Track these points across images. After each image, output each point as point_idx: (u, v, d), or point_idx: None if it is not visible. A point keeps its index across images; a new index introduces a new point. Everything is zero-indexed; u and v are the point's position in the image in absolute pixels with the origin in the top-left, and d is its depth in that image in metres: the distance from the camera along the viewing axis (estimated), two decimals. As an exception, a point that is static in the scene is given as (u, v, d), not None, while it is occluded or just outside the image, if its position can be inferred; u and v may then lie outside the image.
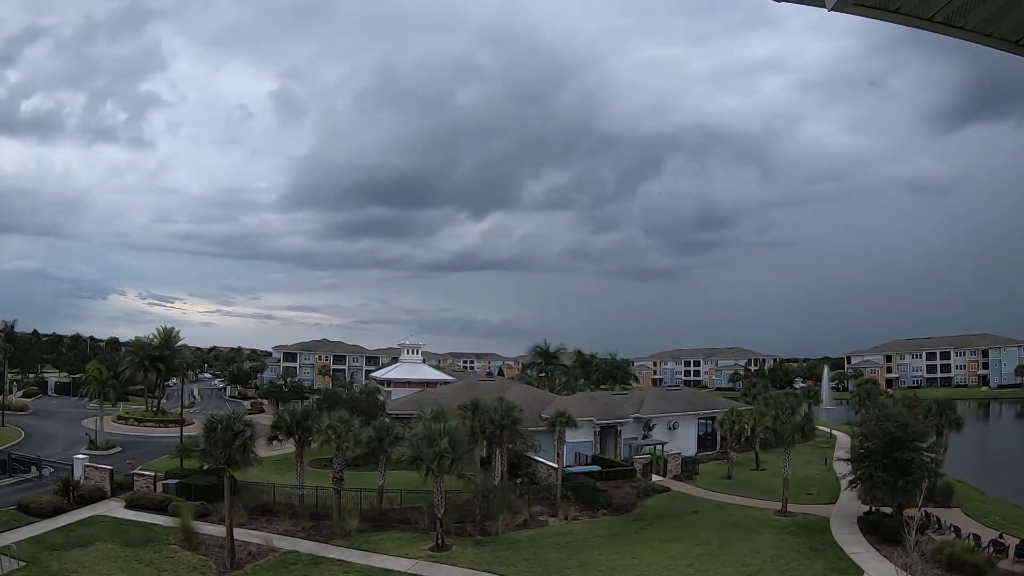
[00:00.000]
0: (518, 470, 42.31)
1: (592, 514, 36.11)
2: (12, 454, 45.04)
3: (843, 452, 44.59)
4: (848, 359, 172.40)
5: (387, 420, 41.79)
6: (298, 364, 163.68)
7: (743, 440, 49.88)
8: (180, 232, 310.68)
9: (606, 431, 51.52)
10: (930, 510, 32.63)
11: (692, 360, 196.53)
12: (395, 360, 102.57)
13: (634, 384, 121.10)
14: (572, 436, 44.27)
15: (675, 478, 45.04)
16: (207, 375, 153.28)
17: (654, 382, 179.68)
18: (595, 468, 43.47)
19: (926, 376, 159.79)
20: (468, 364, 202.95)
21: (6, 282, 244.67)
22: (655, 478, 44.00)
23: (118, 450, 53.61)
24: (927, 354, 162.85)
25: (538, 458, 42.76)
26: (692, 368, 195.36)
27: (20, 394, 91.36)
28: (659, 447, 49.99)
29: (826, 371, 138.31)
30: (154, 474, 39.13)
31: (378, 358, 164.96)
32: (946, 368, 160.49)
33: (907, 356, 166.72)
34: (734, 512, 36.84)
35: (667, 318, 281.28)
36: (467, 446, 32.60)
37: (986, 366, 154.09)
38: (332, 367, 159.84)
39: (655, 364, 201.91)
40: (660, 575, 26.95)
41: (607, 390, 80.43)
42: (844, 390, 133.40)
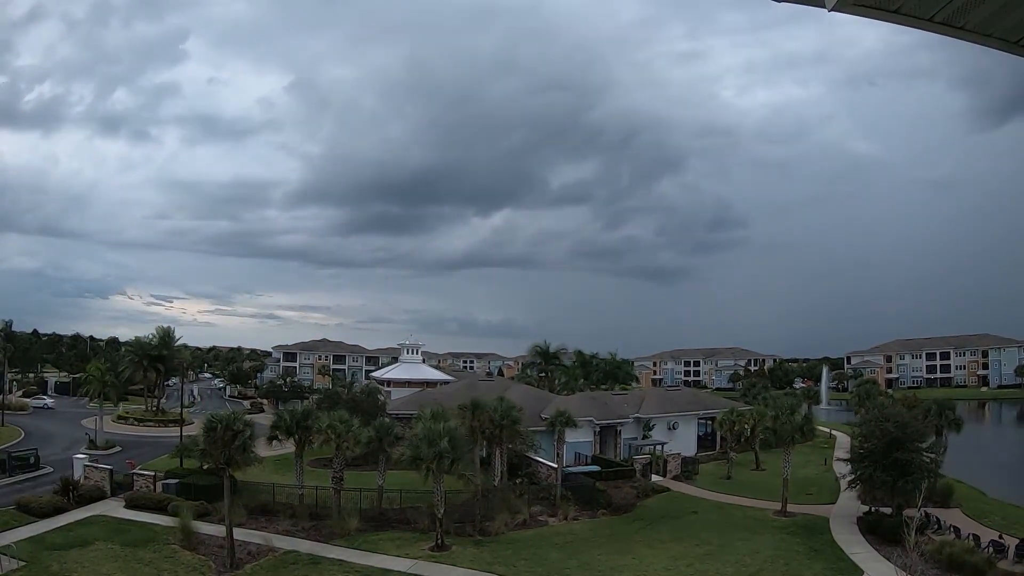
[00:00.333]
0: (518, 470, 42.31)
1: (592, 514, 36.10)
2: (12, 453, 45.08)
3: (843, 452, 44.62)
4: (848, 359, 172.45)
5: (387, 420, 41.71)
6: (298, 364, 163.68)
7: (743, 440, 49.95)
8: (180, 230, 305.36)
9: (606, 431, 51.51)
10: (930, 510, 32.63)
11: (692, 360, 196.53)
12: (395, 360, 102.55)
13: (634, 384, 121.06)
14: (572, 436, 44.28)
15: (675, 478, 45.06)
16: (207, 375, 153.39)
17: (654, 382, 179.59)
18: (595, 468, 43.45)
19: (926, 376, 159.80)
20: (468, 364, 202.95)
21: (6, 282, 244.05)
22: (655, 478, 44.00)
23: (118, 450, 53.60)
24: (927, 354, 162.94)
25: (538, 458, 42.77)
26: (692, 368, 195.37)
27: (20, 393, 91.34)
28: (659, 447, 50.00)
29: (825, 371, 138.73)
30: (154, 474, 39.14)
31: (378, 358, 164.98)
32: (946, 368, 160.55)
33: (907, 356, 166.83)
34: (734, 512, 36.86)
35: (667, 318, 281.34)
36: (467, 446, 32.63)
37: (986, 366, 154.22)
38: (332, 367, 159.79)
39: (655, 364, 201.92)
40: (660, 575, 26.97)
41: (607, 390, 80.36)
42: (844, 390, 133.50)
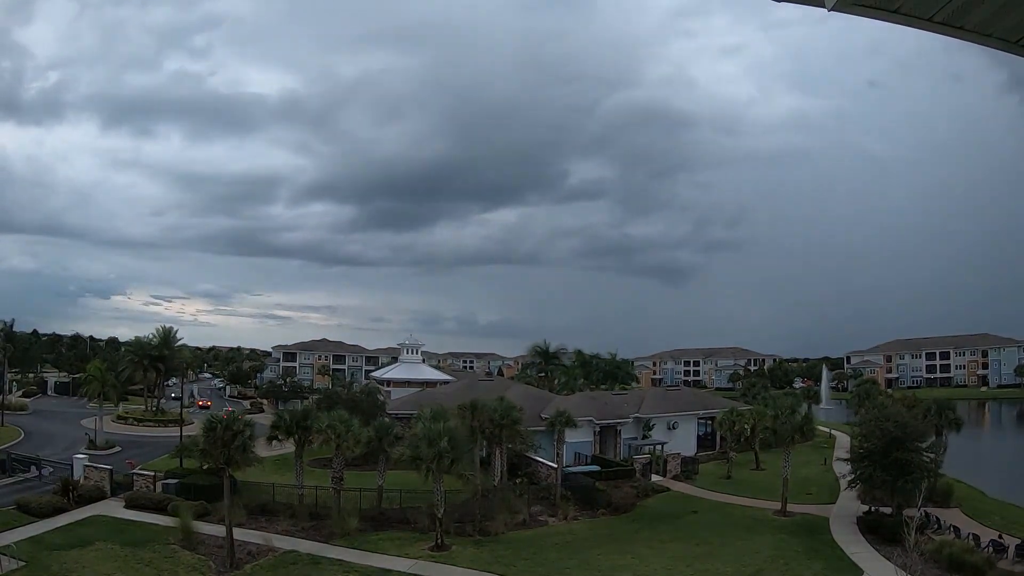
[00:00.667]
0: (518, 470, 42.31)
1: (592, 514, 36.11)
2: (12, 453, 45.04)
3: (843, 452, 44.60)
4: (848, 359, 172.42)
5: (387, 420, 41.75)
6: (298, 364, 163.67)
7: (743, 440, 49.93)
8: (180, 227, 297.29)
9: (606, 431, 51.50)
10: (929, 510, 32.61)
11: (692, 360, 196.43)
12: (395, 360, 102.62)
13: (634, 384, 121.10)
14: (572, 436, 44.26)
15: (675, 478, 45.05)
16: (207, 375, 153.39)
17: (654, 382, 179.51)
18: (595, 468, 43.45)
19: (926, 376, 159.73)
20: (468, 364, 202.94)
21: (6, 281, 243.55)
22: (655, 478, 44.00)
23: (118, 450, 53.55)
24: (927, 354, 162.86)
25: (538, 458, 42.77)
26: (692, 368, 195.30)
27: (20, 393, 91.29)
28: (659, 447, 49.99)
29: (825, 371, 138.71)
30: (154, 474, 39.12)
31: (378, 358, 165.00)
32: (946, 368, 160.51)
33: (907, 356, 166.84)
34: (734, 512, 36.86)
35: (667, 318, 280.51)
36: (467, 446, 32.62)
37: (986, 366, 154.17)
38: (332, 367, 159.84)
39: (655, 364, 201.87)
40: (659, 575, 26.97)
41: (607, 390, 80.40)
42: (844, 390, 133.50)
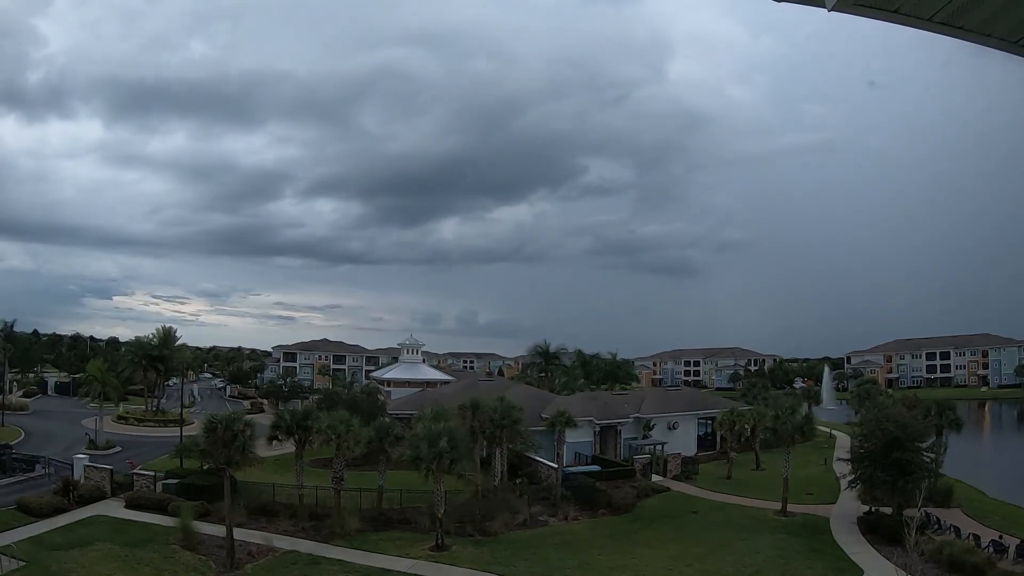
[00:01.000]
0: (518, 470, 42.29)
1: (592, 514, 36.09)
2: (12, 453, 45.04)
3: (843, 452, 44.56)
4: (848, 359, 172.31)
5: (387, 420, 41.76)
6: (298, 364, 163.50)
7: (743, 440, 49.92)
8: (180, 226, 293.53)
9: (606, 431, 51.50)
10: (930, 510, 32.56)
11: (692, 360, 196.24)
12: (395, 360, 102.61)
13: (634, 384, 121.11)
14: (572, 436, 44.25)
15: (675, 478, 45.04)
16: (207, 375, 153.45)
17: (654, 382, 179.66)
18: (595, 468, 43.45)
19: (926, 376, 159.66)
20: (468, 364, 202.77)
21: (6, 281, 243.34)
22: (655, 478, 43.99)
23: (118, 450, 53.56)
24: (927, 354, 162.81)
25: (538, 458, 42.76)
26: (692, 368, 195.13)
27: (20, 394, 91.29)
28: (659, 447, 49.98)
29: (827, 371, 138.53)
30: (154, 474, 39.11)
31: (378, 358, 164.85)
32: (946, 368, 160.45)
33: (907, 356, 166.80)
34: (734, 512, 36.85)
35: (667, 318, 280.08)
36: (467, 446, 32.65)
37: (986, 366, 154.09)
38: (332, 367, 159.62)
39: (655, 364, 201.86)
40: (660, 575, 26.97)
41: (607, 390, 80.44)
42: (844, 390, 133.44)
